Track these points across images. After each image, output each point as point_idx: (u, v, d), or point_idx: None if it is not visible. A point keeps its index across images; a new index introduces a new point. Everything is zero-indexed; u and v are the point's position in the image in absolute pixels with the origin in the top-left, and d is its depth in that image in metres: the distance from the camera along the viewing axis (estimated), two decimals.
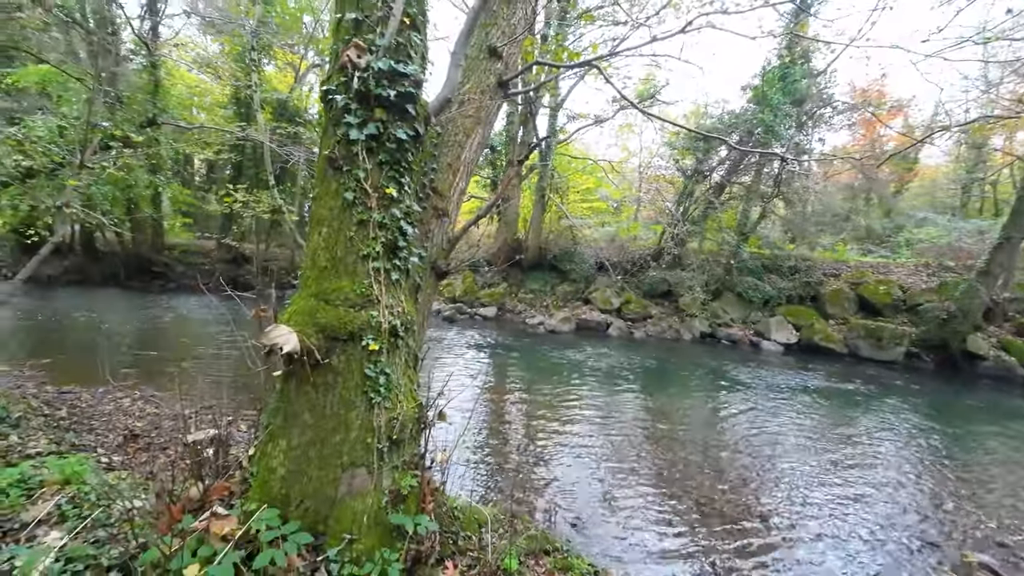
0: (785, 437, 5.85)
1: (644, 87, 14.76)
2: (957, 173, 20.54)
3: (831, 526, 3.87)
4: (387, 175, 1.99)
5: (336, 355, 1.97)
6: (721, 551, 3.43)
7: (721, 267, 13.26)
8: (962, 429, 6.53)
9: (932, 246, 14.44)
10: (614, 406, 6.60)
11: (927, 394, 8.26)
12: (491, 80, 3.14)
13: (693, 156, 13.96)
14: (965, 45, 10.76)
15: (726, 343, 11.91)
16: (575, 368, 8.61)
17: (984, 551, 3.60)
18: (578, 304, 13.89)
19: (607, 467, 4.65)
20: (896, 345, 10.57)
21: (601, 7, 12.21)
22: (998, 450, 5.84)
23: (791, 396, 7.61)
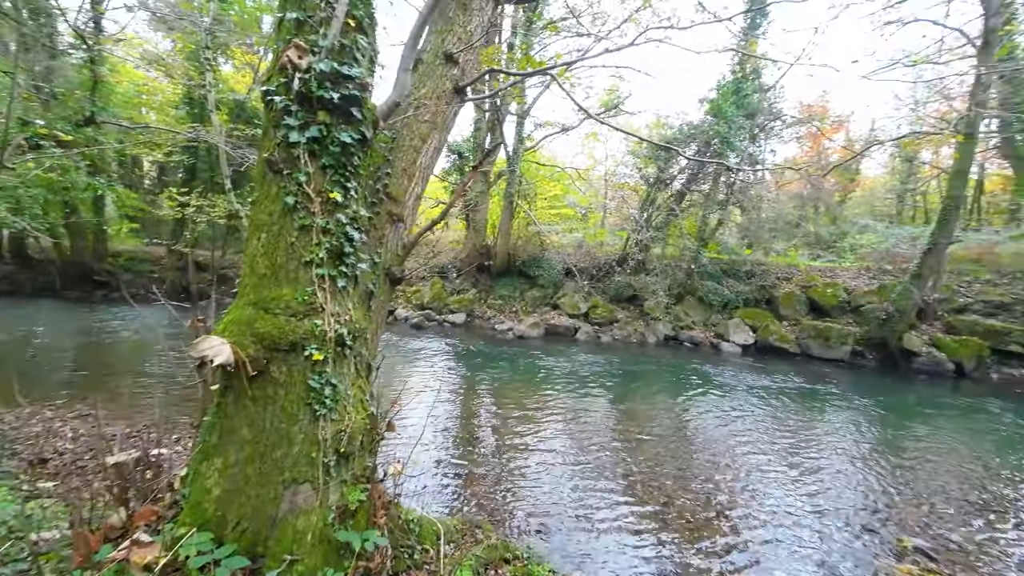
0: (742, 435, 6.08)
1: (608, 97, 15.18)
2: (892, 184, 22.27)
3: (784, 518, 4.03)
4: (331, 179, 1.94)
5: (277, 366, 1.88)
6: (683, 549, 3.50)
7: (683, 272, 13.72)
8: (899, 421, 6.99)
9: (872, 251, 15.52)
10: (581, 410, 6.66)
11: (869, 389, 8.81)
12: (447, 86, 3.13)
13: (655, 165, 14.44)
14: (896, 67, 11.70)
15: (688, 345, 12.30)
16: (543, 373, 8.65)
17: (917, 535, 3.85)
18: (547, 309, 14.00)
19: (573, 471, 4.67)
20: (842, 344, 11.24)
21: (565, 19, 12.50)
22: (930, 440, 6.28)
23: (748, 395, 7.93)
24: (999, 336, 10.30)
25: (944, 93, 14.01)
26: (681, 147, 13.56)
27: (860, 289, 12.71)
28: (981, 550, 3.70)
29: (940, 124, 13.85)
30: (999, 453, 5.89)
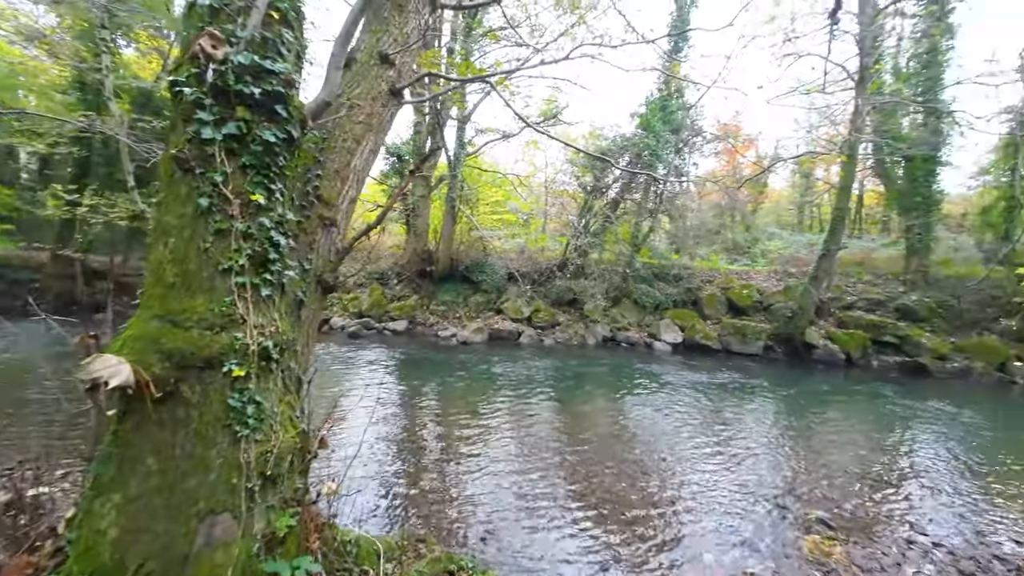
0: (674, 427, 6.49)
1: (547, 107, 15.64)
2: (793, 197, 25.18)
3: (711, 503, 4.35)
4: (253, 180, 1.79)
5: (189, 386, 1.69)
6: (622, 542, 3.64)
7: (619, 276, 14.44)
8: (803, 407, 7.88)
9: (779, 256, 17.43)
10: (525, 413, 6.73)
11: (779, 380, 9.84)
12: (383, 87, 3.05)
13: (592, 174, 15.10)
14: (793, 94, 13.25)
15: (625, 345, 12.93)
16: (487, 378, 8.63)
17: (820, 508, 4.34)
18: (490, 314, 14.02)
19: (518, 475, 4.70)
20: (757, 340, 12.45)
21: (504, 28, 12.71)
22: (828, 422, 7.15)
23: (678, 390, 8.50)
24: (878, 329, 11.99)
25: (831, 119, 16.14)
26: (615, 158, 14.29)
27: (770, 290, 14.19)
28: (870, 516, 4.26)
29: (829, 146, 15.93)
30: (881, 430, 6.84)
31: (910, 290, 13.09)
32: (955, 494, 4.81)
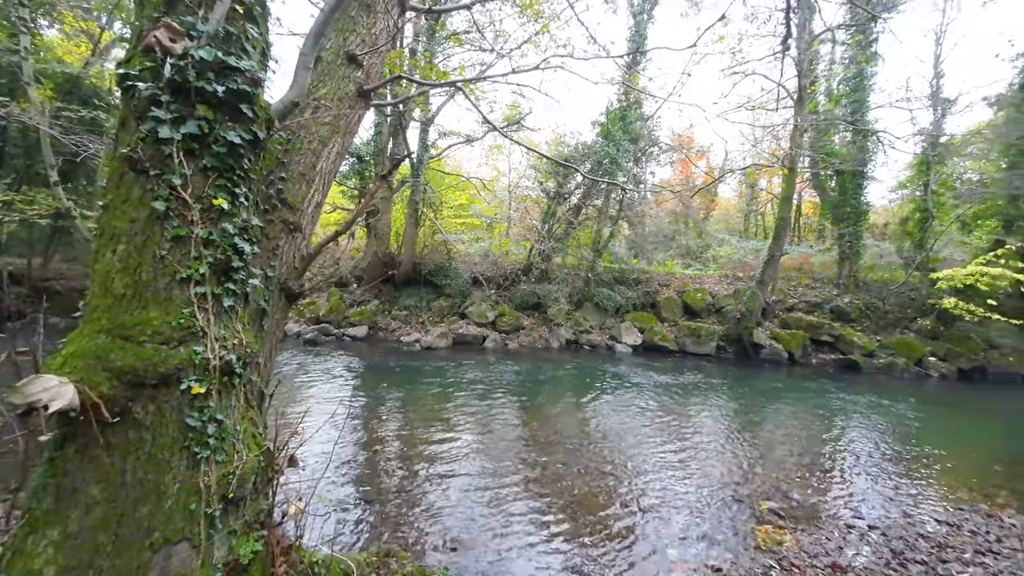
0: (635, 426, 6.70)
1: (511, 112, 15.76)
2: (741, 205, 26.82)
3: (671, 499, 4.52)
4: (215, 183, 1.68)
5: (142, 406, 1.56)
6: (589, 541, 3.71)
7: (581, 280, 14.75)
8: (753, 404, 8.38)
9: (729, 261, 18.48)
10: (491, 418, 6.71)
11: (731, 378, 10.42)
12: (351, 88, 2.96)
13: (555, 180, 15.36)
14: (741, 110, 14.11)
15: (587, 348, 13.21)
16: (452, 384, 8.53)
17: (771, 498, 4.63)
18: (454, 319, 13.88)
19: (485, 481, 4.67)
20: (710, 340, 13.12)
21: (468, 32, 12.71)
22: (776, 417, 7.64)
23: (638, 390, 8.78)
24: (816, 329, 12.99)
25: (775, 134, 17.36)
26: (577, 165, 14.63)
27: (721, 293, 15.00)
28: (815, 504, 4.59)
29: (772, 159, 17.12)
30: (821, 423, 7.40)
31: (843, 293, 14.30)
32: (885, 479, 5.28)
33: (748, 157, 20.76)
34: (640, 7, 14.99)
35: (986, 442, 7.08)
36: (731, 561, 3.56)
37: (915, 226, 14.64)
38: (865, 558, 3.64)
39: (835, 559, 3.58)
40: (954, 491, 5.03)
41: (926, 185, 14.19)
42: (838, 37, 15.17)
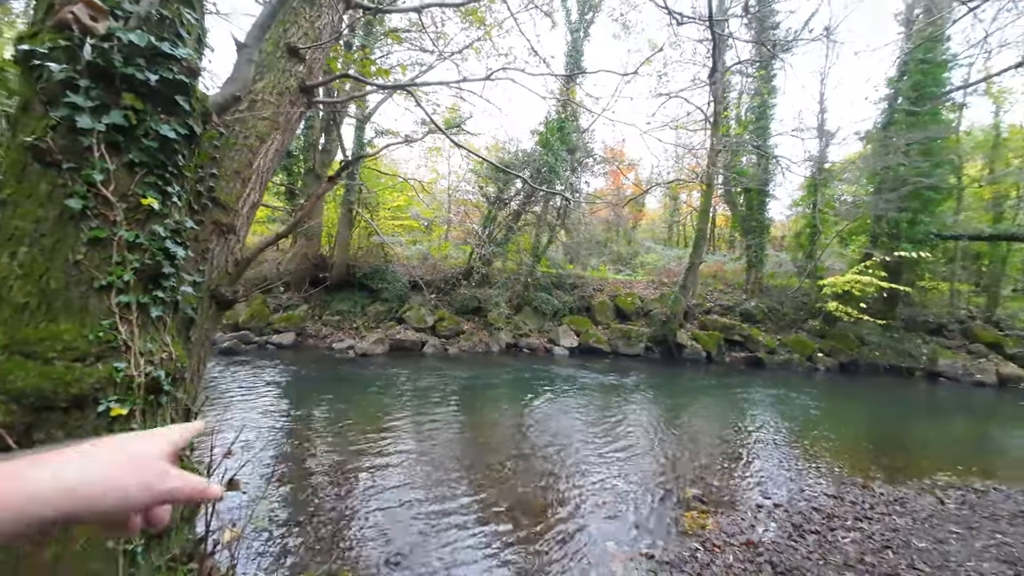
0: (574, 426, 6.98)
1: (452, 115, 15.69)
2: (665, 216, 29.02)
3: (607, 493, 4.77)
4: (144, 181, 1.51)
5: (48, 432, 1.35)
6: (531, 541, 3.80)
7: (521, 284, 15.03)
8: (677, 400, 9.11)
9: (655, 268, 19.91)
10: (432, 425, 6.60)
11: (658, 377, 11.23)
12: (291, 83, 2.80)
13: (495, 185, 15.53)
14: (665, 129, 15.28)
15: (527, 351, 13.47)
16: (390, 392, 8.25)
17: (695, 486, 5.07)
18: (392, 324, 13.43)
19: (428, 490, 4.59)
20: (639, 342, 14.03)
21: (408, 31, 12.45)
22: (697, 411, 8.37)
23: (575, 391, 9.15)
24: (728, 330, 14.43)
25: (694, 153, 19.05)
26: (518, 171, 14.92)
27: (649, 297, 16.11)
28: (731, 488, 5.11)
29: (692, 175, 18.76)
30: (734, 414, 8.24)
31: (750, 297, 16.05)
32: (786, 462, 6.03)
33: (672, 172, 22.60)
34: (577, 25, 15.73)
35: (859, 425, 8.36)
36: (662, 547, 3.85)
37: (806, 239, 16.88)
38: (772, 533, 4.13)
39: (748, 536, 4.03)
40: (838, 468, 5.87)
41: (814, 204, 16.44)
42: (747, 71, 17.08)
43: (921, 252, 13.23)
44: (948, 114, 16.25)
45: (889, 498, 4.89)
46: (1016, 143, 18.63)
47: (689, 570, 3.47)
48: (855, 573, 3.47)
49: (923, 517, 4.45)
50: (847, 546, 3.87)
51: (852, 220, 16.59)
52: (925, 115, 14.50)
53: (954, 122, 16.84)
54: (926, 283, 16.15)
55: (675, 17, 3.60)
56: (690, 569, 3.48)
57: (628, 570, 3.52)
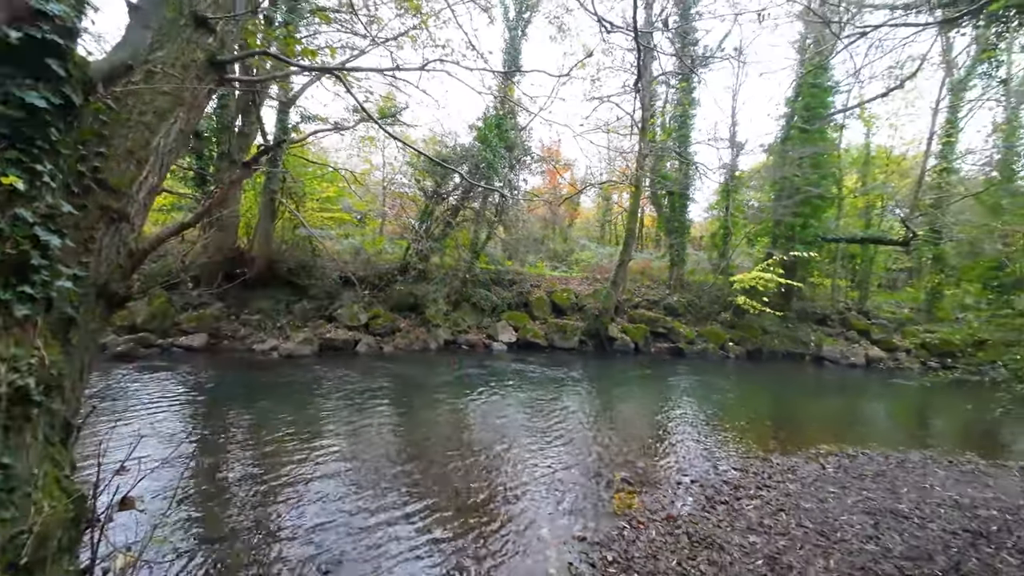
0: (511, 419, 7.10)
1: (387, 104, 15.06)
2: (598, 215, 30.35)
3: (544, 481, 4.93)
4: (6, 157, 1.28)
5: None
6: (472, 536, 3.82)
7: (459, 280, 14.91)
8: (609, 389, 9.63)
9: (589, 265, 20.77)
10: (365, 426, 6.35)
11: (591, 368, 11.77)
12: (199, 56, 2.52)
13: (433, 179, 15.21)
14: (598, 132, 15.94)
15: (465, 347, 13.43)
16: (319, 394, 7.80)
17: (623, 469, 5.41)
18: (321, 323, 12.66)
19: (360, 495, 4.42)
20: (574, 336, 14.59)
21: (338, 11, 11.72)
22: (625, 399, 8.91)
23: (513, 385, 9.31)
24: (654, 323, 15.51)
25: (624, 156, 20.09)
26: (456, 166, 14.73)
27: (583, 293, 16.79)
28: (655, 469, 5.51)
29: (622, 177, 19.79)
30: (658, 400, 8.88)
31: (673, 292, 17.36)
32: (702, 441, 6.63)
33: (604, 174, 23.68)
34: (515, 23, 15.85)
35: (761, 405, 9.44)
36: (593, 528, 4.07)
37: (719, 239, 18.60)
38: (689, 507, 4.53)
39: (669, 511, 4.38)
40: (744, 444, 6.58)
41: (727, 208, 18.16)
42: (670, 82, 18.35)
43: (811, 252, 15.20)
44: (832, 133, 18.76)
45: (784, 467, 5.58)
46: (881, 161, 22.02)
47: (617, 547, 3.70)
48: (756, 535, 3.92)
49: (809, 481, 5.14)
50: (750, 512, 4.37)
51: (757, 223, 18.57)
52: (814, 133, 16.62)
53: (837, 140, 19.47)
54: (815, 279, 18.58)
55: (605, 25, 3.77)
56: (618, 546, 3.72)
57: (561, 553, 3.67)
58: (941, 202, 16.17)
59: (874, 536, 3.90)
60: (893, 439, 7.28)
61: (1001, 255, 5.80)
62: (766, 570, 3.37)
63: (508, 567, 3.47)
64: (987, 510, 4.46)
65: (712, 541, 3.77)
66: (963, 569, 3.39)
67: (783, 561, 3.49)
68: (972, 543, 3.79)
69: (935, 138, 17.85)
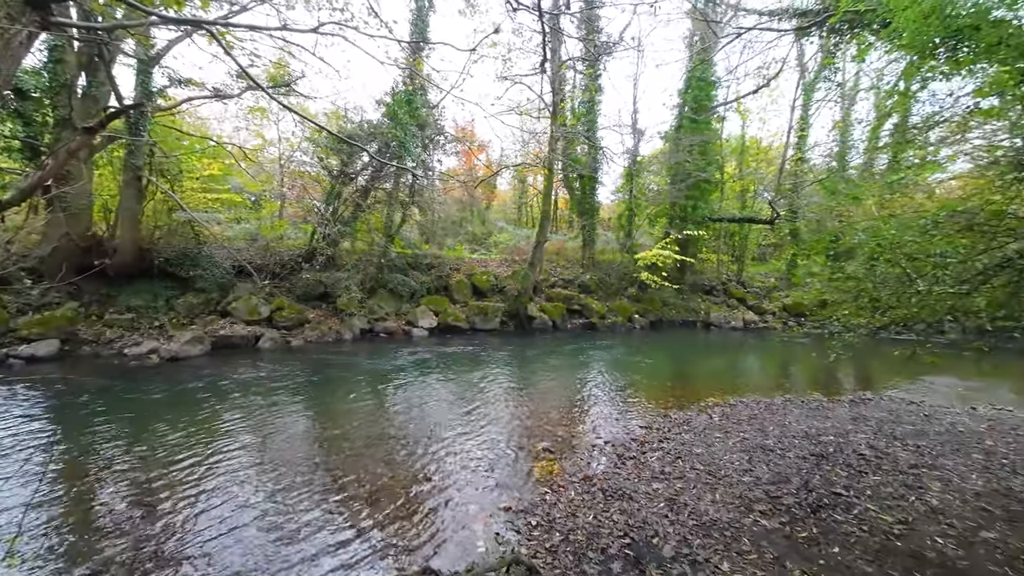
0: (433, 403, 7.05)
1: (278, 71, 13.44)
2: (515, 198, 30.79)
3: (470, 460, 5.00)
4: None
5: None
6: (400, 526, 3.76)
7: (373, 266, 14.19)
8: (529, 365, 10.00)
9: (507, 246, 21.08)
10: (271, 428, 5.85)
11: (511, 347, 12.10)
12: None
13: (338, 157, 14.08)
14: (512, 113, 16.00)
15: (383, 336, 12.93)
16: (214, 397, 6.98)
17: (544, 439, 5.70)
18: (213, 319, 11.24)
19: (274, 499, 4.10)
20: (495, 317, 14.82)
21: None
22: (546, 374, 9.34)
23: (434, 370, 9.23)
24: (569, 300, 16.36)
25: (538, 139, 20.49)
26: (363, 144, 13.79)
27: (503, 274, 17.05)
28: (573, 435, 5.90)
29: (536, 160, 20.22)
30: (575, 372, 9.45)
31: (585, 271, 18.41)
32: (614, 405, 7.24)
33: (519, 156, 23.95)
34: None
35: (662, 368, 10.54)
36: (518, 498, 4.25)
37: (625, 220, 20.04)
38: (603, 466, 4.95)
39: (586, 472, 4.74)
40: (649, 404, 7.32)
41: (631, 191, 19.56)
42: (577, 67, 18.97)
43: (700, 231, 17.13)
44: (716, 124, 21.03)
45: (680, 420, 6.34)
46: (753, 151, 25.32)
47: (540, 512, 3.93)
48: (659, 482, 4.43)
49: (700, 430, 5.91)
50: (654, 463, 4.91)
51: (656, 205, 20.32)
52: (702, 123, 18.50)
53: (719, 130, 21.90)
54: (703, 255, 20.97)
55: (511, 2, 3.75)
56: (540, 511, 3.94)
57: (488, 526, 3.79)
58: (797, 187, 19.18)
59: (748, 469, 4.64)
60: (762, 387, 8.67)
61: (836, 230, 7.09)
62: (667, 510, 3.84)
63: (438, 548, 3.50)
64: (826, 436, 5.54)
65: (623, 493, 4.18)
66: (810, 485, 4.20)
67: (680, 500, 3.99)
68: (816, 464, 4.70)
69: (792, 131, 20.96)
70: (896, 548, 3.18)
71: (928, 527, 3.41)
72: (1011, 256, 3.41)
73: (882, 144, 14.60)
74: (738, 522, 3.59)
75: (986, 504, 3.72)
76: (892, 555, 3.09)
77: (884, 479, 4.26)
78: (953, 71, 3.68)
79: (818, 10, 7.48)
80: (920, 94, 4.69)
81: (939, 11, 3.53)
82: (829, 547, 3.23)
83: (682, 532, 3.46)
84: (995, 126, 3.84)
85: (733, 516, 3.68)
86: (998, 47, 3.15)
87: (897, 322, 4.30)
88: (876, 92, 13.04)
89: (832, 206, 8.11)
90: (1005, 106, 3.61)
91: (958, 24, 3.33)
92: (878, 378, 9.67)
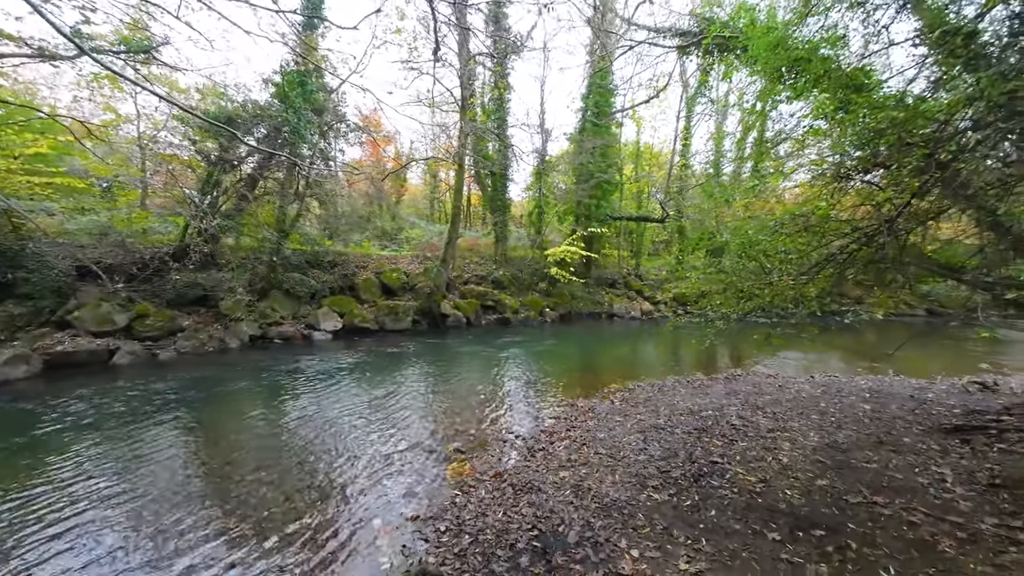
0: (336, 412, 6.53)
1: (133, 34, 11.24)
2: (426, 192, 29.97)
3: (376, 469, 4.72)
4: None
5: None
6: (297, 552, 3.39)
7: (264, 265, 12.73)
8: (441, 365, 9.79)
9: (419, 243, 20.44)
10: (137, 459, 4.92)
11: (424, 346, 11.76)
12: None
13: (216, 141, 12.30)
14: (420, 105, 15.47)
15: (279, 342, 11.70)
16: (47, 430, 5.65)
17: (455, 440, 5.61)
18: (45, 331, 9.11)
19: (142, 538, 3.42)
20: (407, 316, 14.28)
21: None
22: (458, 373, 9.22)
23: (338, 375, 8.58)
24: (483, 296, 16.40)
25: (448, 133, 20.12)
26: (248, 126, 12.24)
27: (414, 272, 16.49)
28: (485, 433, 5.89)
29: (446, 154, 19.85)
30: (489, 369, 9.48)
31: (499, 267, 18.62)
32: (526, 398, 7.40)
33: (429, 150, 23.31)
34: None
35: (571, 359, 11.08)
36: (427, 504, 4.11)
37: (535, 217, 20.67)
38: (514, 461, 5.01)
39: (497, 469, 4.76)
40: (558, 395, 7.62)
41: (540, 189, 20.21)
42: (487, 63, 18.98)
43: (603, 228, 18.33)
44: (615, 129, 22.66)
45: (585, 408, 6.69)
46: (647, 156, 27.82)
47: (449, 516, 3.83)
48: (565, 470, 4.60)
49: (603, 416, 6.30)
50: (561, 452, 5.10)
51: (564, 203, 21.29)
52: (603, 127, 19.76)
53: (619, 135, 23.64)
54: (606, 251, 22.53)
55: None
56: (450, 515, 3.85)
57: (394, 539, 3.60)
58: (682, 190, 21.51)
59: (644, 448, 5.05)
60: (656, 371, 9.56)
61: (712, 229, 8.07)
62: (572, 497, 4.00)
63: (338, 570, 3.22)
64: (706, 411, 6.28)
65: (532, 485, 4.26)
66: (693, 456, 4.71)
67: (584, 485, 4.19)
68: (698, 437, 5.29)
69: (678, 139, 23.42)
70: (758, 504, 3.68)
71: (780, 482, 4.03)
72: (834, 252, 4.16)
73: (747, 154, 16.98)
74: (634, 499, 3.87)
75: (821, 457, 4.51)
76: (755, 511, 3.58)
77: (749, 444, 4.94)
78: (793, 97, 4.37)
79: (696, 32, 8.39)
80: (772, 113, 5.50)
81: (784, 43, 4.15)
82: (708, 511, 3.63)
83: (585, 516, 3.63)
84: (824, 144, 4.65)
85: (630, 494, 3.96)
86: (824, 78, 3.79)
87: (757, 309, 5.01)
88: (741, 109, 15.14)
89: (709, 208, 9.24)
90: (830, 127, 4.39)
91: (796, 55, 3.94)
92: (746, 356, 11.28)
